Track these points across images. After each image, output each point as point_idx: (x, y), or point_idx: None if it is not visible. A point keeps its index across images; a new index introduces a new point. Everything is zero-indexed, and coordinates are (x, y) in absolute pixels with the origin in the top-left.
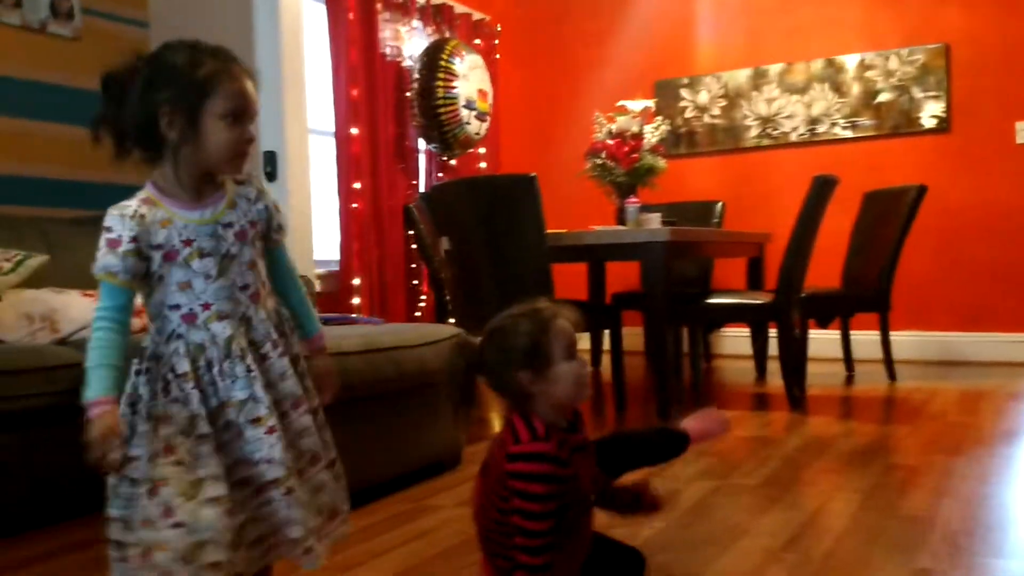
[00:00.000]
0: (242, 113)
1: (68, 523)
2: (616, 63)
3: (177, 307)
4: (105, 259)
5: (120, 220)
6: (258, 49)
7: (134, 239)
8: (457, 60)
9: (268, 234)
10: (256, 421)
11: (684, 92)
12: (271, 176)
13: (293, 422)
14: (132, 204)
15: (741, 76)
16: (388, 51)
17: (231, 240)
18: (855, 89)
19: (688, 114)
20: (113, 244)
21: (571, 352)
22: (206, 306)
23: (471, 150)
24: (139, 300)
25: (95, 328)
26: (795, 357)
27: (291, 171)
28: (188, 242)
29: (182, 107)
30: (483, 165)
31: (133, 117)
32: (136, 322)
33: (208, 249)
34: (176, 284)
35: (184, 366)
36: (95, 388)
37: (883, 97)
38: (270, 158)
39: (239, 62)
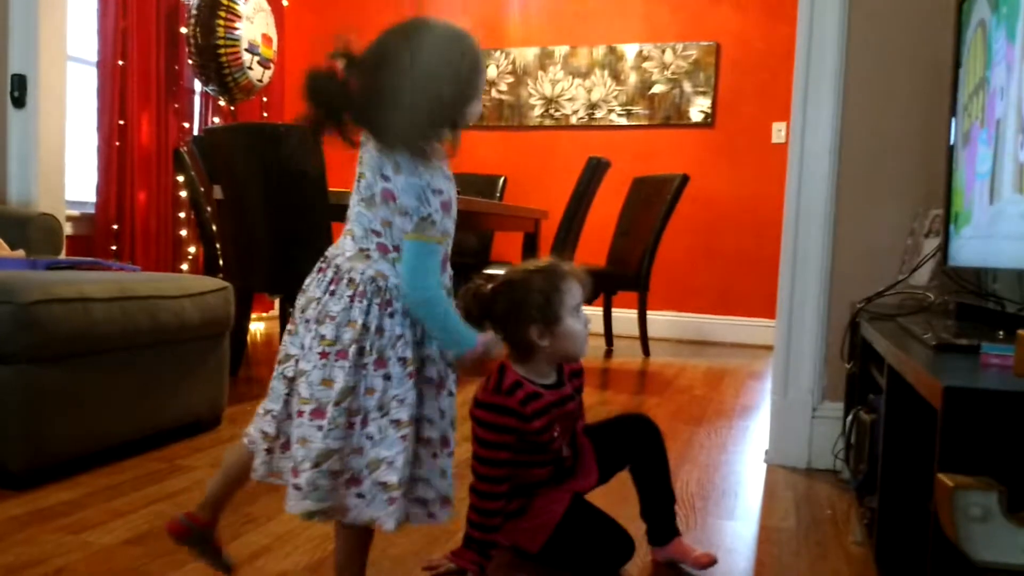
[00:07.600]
0: None
1: None
2: None
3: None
4: (444, 223)
5: (446, 181)
6: None
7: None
8: (240, 0)
9: None
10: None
11: None
12: (19, 102)
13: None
14: (443, 164)
15: (529, 54)
16: None
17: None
18: (632, 78)
19: None
20: (447, 207)
21: (578, 311)
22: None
23: (253, 97)
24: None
25: (445, 299)
26: None
27: (43, 99)
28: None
29: None
30: (266, 115)
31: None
32: None
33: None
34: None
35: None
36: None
37: (657, 88)
38: (19, 82)
39: None
